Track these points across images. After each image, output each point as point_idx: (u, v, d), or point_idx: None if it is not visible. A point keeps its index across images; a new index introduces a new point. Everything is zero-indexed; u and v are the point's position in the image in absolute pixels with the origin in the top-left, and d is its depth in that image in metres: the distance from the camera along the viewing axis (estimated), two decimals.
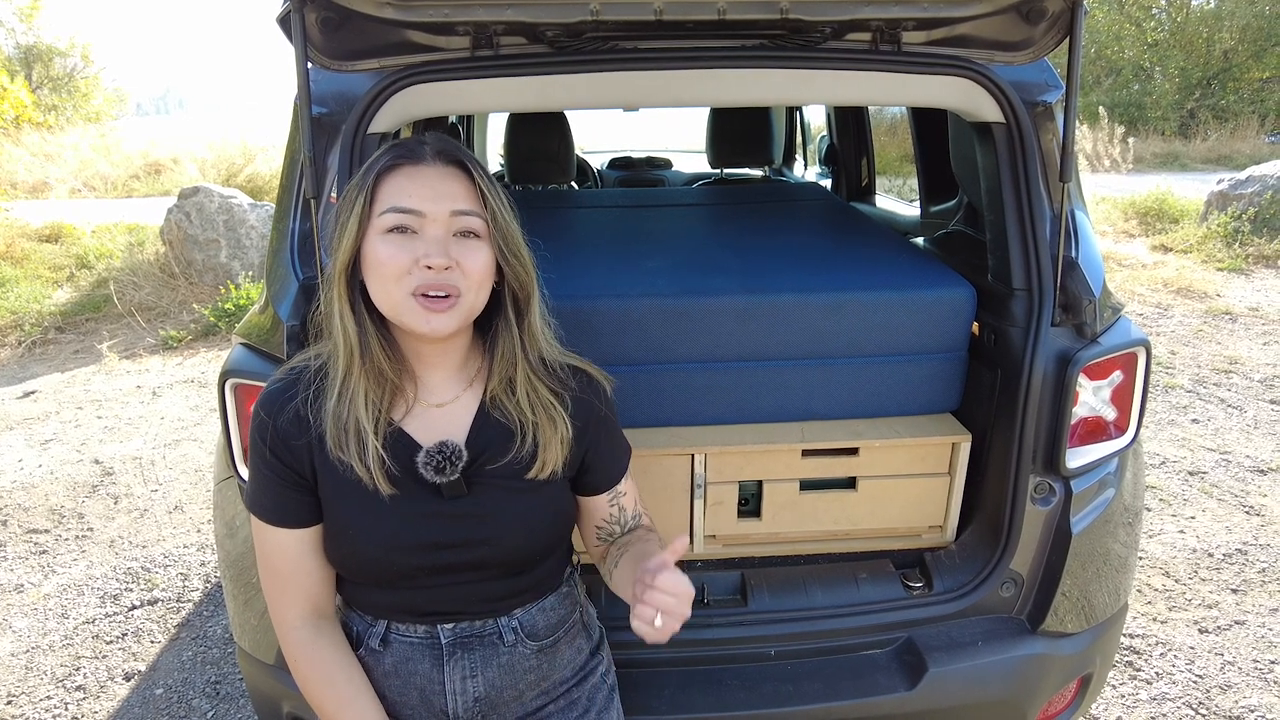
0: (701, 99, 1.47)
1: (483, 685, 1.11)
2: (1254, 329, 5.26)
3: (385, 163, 1.00)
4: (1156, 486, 3.25)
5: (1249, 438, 3.70)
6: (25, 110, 10.79)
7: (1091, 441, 1.50)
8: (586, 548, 1.23)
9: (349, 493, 1.03)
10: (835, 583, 1.53)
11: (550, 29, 1.31)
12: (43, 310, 5.77)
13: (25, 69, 16.69)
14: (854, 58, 1.42)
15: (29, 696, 2.22)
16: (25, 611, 2.60)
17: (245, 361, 1.40)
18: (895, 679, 1.41)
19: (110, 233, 7.23)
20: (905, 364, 1.62)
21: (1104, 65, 17.94)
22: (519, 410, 1.07)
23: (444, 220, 0.98)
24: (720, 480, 1.58)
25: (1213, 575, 2.68)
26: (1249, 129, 15.07)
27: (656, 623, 0.91)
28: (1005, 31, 1.39)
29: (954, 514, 1.63)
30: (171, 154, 11.33)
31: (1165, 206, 7.89)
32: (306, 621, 1.07)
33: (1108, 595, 1.54)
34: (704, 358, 1.58)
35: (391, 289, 0.98)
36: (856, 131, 3.35)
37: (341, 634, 1.11)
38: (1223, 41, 17.00)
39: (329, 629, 1.09)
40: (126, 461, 3.65)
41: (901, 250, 1.86)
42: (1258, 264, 6.71)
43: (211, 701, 2.18)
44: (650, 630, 0.92)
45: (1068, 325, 1.46)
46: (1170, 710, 2.11)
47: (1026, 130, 1.47)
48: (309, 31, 1.25)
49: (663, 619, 0.91)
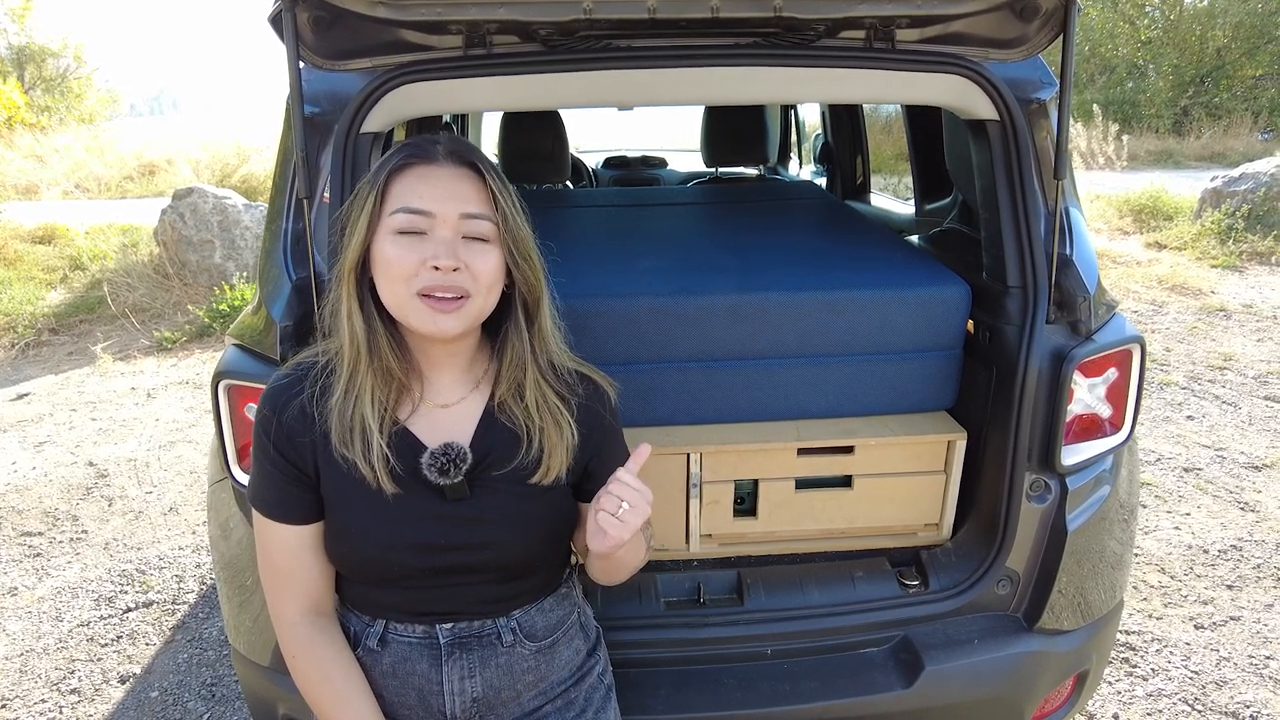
0: (695, 97, 1.46)
1: (481, 686, 1.11)
2: (1248, 326, 5.27)
3: (397, 162, 1.00)
4: (1152, 483, 3.26)
5: (1244, 434, 3.71)
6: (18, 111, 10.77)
7: (1086, 439, 1.50)
8: (576, 549, 1.23)
9: (351, 491, 1.03)
10: (831, 581, 1.53)
11: (543, 27, 1.30)
12: (36, 312, 5.75)
13: (18, 70, 16.61)
14: (848, 56, 1.41)
15: (23, 700, 2.21)
16: (19, 614, 2.59)
17: (238, 363, 1.40)
18: (892, 677, 1.41)
19: (104, 234, 7.19)
20: (900, 362, 1.62)
21: (1098, 63, 17.97)
22: (526, 415, 1.07)
23: (453, 222, 0.98)
24: (716, 479, 1.58)
25: (1208, 571, 2.69)
26: (1242, 126, 15.10)
27: (622, 508, 0.94)
28: (999, 29, 1.38)
29: (950, 512, 1.63)
30: (165, 155, 11.27)
31: (1159, 204, 7.90)
32: (305, 618, 1.07)
33: (1103, 592, 1.54)
34: (698, 357, 1.58)
35: (399, 289, 0.98)
36: (851, 130, 3.35)
37: (340, 632, 1.10)
38: (1216, 39, 17.03)
39: (327, 626, 1.09)
40: (121, 463, 3.64)
41: (896, 248, 1.86)
42: (1252, 261, 6.73)
43: (207, 704, 2.18)
44: (613, 523, 0.94)
45: (1062, 323, 1.46)
46: (1166, 706, 2.11)
47: (1021, 127, 1.47)
48: (300, 31, 1.24)
49: (627, 509, 0.94)
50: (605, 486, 0.97)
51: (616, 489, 0.96)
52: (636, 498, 0.95)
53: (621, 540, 0.95)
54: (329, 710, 1.06)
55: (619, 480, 0.96)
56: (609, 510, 0.95)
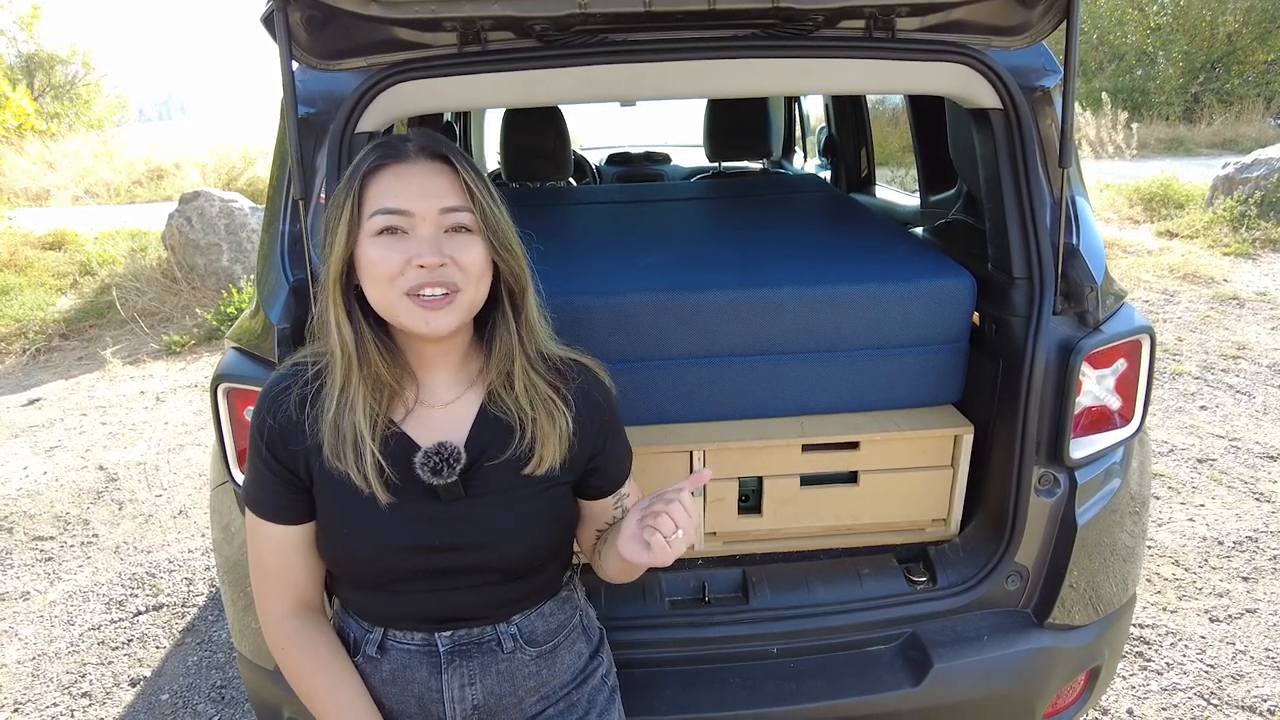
0: (694, 91, 1.45)
1: (481, 693, 1.10)
2: (1261, 314, 5.21)
3: (370, 164, 0.99)
4: (1165, 474, 3.23)
5: (1258, 424, 3.66)
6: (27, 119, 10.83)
7: (1096, 431, 1.48)
8: (581, 548, 1.22)
9: (345, 495, 1.02)
10: (838, 578, 1.51)
11: (538, 23, 1.29)
12: (46, 317, 5.79)
13: (27, 77, 16.74)
14: (848, 46, 1.40)
15: (35, 704, 2.23)
16: (31, 619, 2.60)
17: (237, 366, 1.39)
18: (900, 675, 1.39)
19: (113, 239, 7.23)
20: (905, 355, 1.60)
21: (1106, 51, 17.81)
22: (517, 405, 1.06)
23: (433, 218, 0.97)
24: (720, 477, 1.57)
25: (1223, 563, 2.66)
26: (1254, 112, 14.94)
27: (676, 534, 0.92)
28: (1001, 16, 1.36)
29: (957, 507, 1.61)
30: (173, 159, 11.34)
31: (1170, 192, 7.82)
32: (292, 614, 1.07)
33: (1115, 586, 1.52)
34: (701, 353, 1.57)
35: (386, 291, 0.97)
36: (855, 122, 3.32)
37: (328, 624, 1.10)
38: (1226, 24, 16.85)
39: (315, 619, 1.09)
40: (131, 467, 3.66)
41: (900, 240, 1.84)
42: (1264, 248, 6.65)
43: (217, 706, 2.18)
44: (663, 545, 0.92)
45: (1070, 314, 1.44)
46: (1181, 701, 2.09)
47: (1025, 116, 1.45)
48: (293, 30, 1.23)
49: (680, 537, 0.93)
50: (663, 506, 0.93)
51: (676, 513, 0.92)
52: (689, 525, 0.93)
53: (665, 563, 0.94)
54: (323, 697, 1.05)
55: (680, 505, 0.93)
56: (664, 532, 0.92)
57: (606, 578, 1.16)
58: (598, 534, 1.18)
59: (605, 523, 1.17)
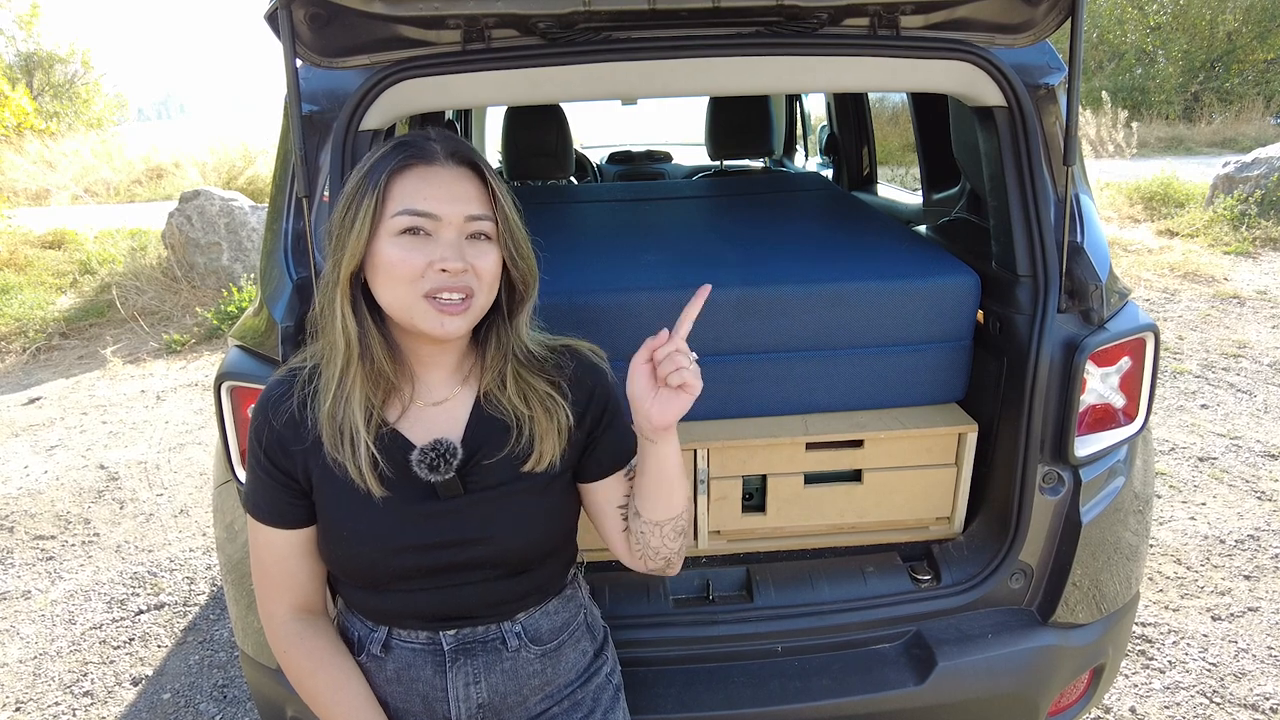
0: (697, 89, 1.44)
1: (486, 691, 1.10)
2: (1262, 312, 5.21)
3: (397, 163, 0.97)
4: (1166, 473, 3.23)
5: (1259, 422, 3.66)
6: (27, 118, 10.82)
7: (1100, 429, 1.47)
8: (609, 543, 1.17)
9: (344, 495, 1.02)
10: (842, 577, 1.51)
11: (542, 20, 1.29)
12: (46, 317, 5.78)
13: (26, 76, 16.73)
14: (852, 43, 1.39)
15: (37, 703, 2.22)
16: (33, 618, 2.60)
17: (241, 364, 1.39)
18: (904, 673, 1.39)
19: (113, 238, 7.23)
20: (909, 354, 1.60)
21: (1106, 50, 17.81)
22: (513, 405, 1.06)
23: (458, 224, 0.97)
24: (723, 475, 1.56)
25: (1225, 562, 2.66)
26: (1254, 111, 14.94)
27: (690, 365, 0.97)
28: (1005, 13, 1.36)
29: (961, 505, 1.61)
30: (173, 158, 11.33)
31: (1170, 191, 7.82)
32: (294, 617, 1.07)
33: (1119, 584, 1.52)
34: (705, 351, 1.56)
35: (404, 291, 0.97)
36: (857, 120, 3.32)
37: (330, 626, 1.10)
38: (1226, 23, 16.85)
39: (317, 621, 1.09)
40: (131, 466, 3.65)
41: (903, 238, 1.84)
42: (1265, 247, 6.65)
43: (219, 705, 2.18)
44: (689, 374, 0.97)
45: (1074, 311, 1.44)
46: (1184, 699, 2.09)
47: (1029, 114, 1.44)
48: (297, 28, 1.23)
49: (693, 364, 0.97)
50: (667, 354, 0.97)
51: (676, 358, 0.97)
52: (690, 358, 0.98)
53: (696, 390, 0.98)
54: (325, 698, 1.05)
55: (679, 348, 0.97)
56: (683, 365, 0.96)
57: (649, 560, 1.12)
58: (621, 511, 1.14)
59: (625, 495, 1.14)
